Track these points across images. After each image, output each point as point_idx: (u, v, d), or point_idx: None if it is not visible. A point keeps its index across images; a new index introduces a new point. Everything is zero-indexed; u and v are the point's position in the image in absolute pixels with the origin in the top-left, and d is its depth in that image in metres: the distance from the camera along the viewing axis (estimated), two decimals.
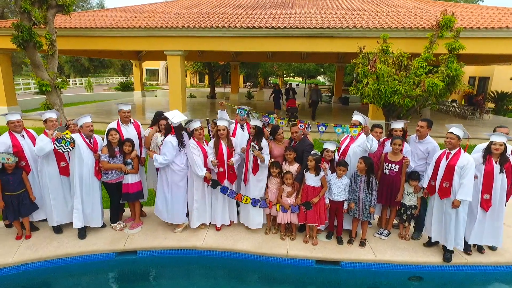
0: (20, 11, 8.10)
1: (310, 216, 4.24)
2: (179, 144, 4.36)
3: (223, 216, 4.66)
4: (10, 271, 3.93)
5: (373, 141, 4.16)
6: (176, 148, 4.28)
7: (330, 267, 4.21)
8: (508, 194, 4.06)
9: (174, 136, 4.33)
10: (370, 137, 4.13)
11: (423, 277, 4.10)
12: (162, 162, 4.25)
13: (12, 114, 4.39)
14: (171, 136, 4.33)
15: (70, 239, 4.43)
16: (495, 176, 3.86)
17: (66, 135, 4.05)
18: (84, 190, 4.34)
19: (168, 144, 4.26)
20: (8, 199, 4.20)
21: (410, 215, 4.46)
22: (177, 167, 4.41)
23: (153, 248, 4.38)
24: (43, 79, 8.76)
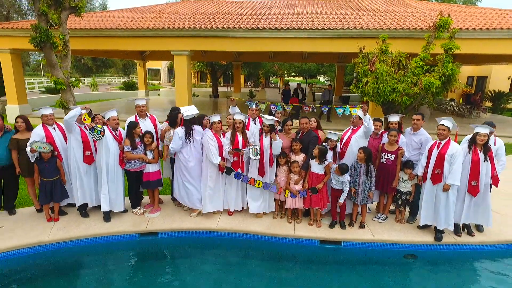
0: (38, 14, 8.54)
1: (315, 200, 4.69)
2: (185, 136, 4.81)
3: (236, 201, 5.11)
4: (46, 248, 4.38)
5: (370, 120, 4.60)
6: (182, 139, 4.73)
7: (333, 247, 4.66)
8: (494, 181, 4.51)
9: (182, 128, 4.79)
10: (367, 117, 4.57)
11: (417, 255, 4.55)
12: (170, 150, 4.78)
13: (46, 108, 4.84)
14: (180, 128, 4.79)
15: (96, 222, 4.88)
16: (481, 164, 4.31)
17: (97, 125, 4.51)
18: (109, 177, 4.80)
19: (175, 134, 4.73)
20: (44, 184, 4.65)
21: (405, 201, 4.90)
22: (182, 157, 4.87)
23: (172, 230, 4.83)
24: (58, 77, 9.20)
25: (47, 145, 4.55)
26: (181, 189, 5.01)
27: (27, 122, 4.88)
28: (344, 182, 4.57)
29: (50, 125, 4.83)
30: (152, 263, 4.54)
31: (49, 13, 8.58)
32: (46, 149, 4.52)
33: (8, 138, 4.78)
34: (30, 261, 4.26)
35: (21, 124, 4.82)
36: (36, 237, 4.42)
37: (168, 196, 5.80)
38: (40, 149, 4.47)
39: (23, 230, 4.59)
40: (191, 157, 4.87)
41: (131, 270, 4.38)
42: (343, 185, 4.60)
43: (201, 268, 4.38)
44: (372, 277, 4.23)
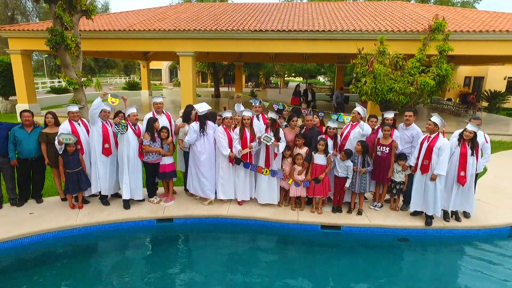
0: (54, 17, 9.00)
1: (317, 190, 5.17)
2: (200, 130, 5.29)
3: (244, 191, 5.59)
4: (74, 232, 4.86)
5: (364, 125, 5.12)
6: (196, 132, 5.21)
7: (333, 231, 5.14)
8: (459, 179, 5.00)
9: (197, 123, 5.27)
10: (362, 123, 5.08)
11: (409, 239, 5.02)
12: (185, 142, 5.25)
13: (72, 106, 5.33)
14: (195, 123, 5.27)
15: (117, 209, 5.35)
16: (468, 157, 4.79)
17: (122, 121, 4.99)
18: (130, 168, 5.27)
19: (191, 128, 5.22)
20: (69, 175, 5.12)
21: (399, 190, 5.38)
22: (196, 150, 5.36)
23: (187, 216, 5.31)
24: (71, 78, 9.66)
25: (72, 136, 5.04)
26: (194, 180, 5.49)
27: (55, 118, 5.36)
28: (349, 167, 5.05)
29: (76, 121, 5.31)
30: (169, 246, 5.00)
31: (64, 17, 9.03)
32: (71, 140, 5.00)
33: (38, 133, 5.25)
34: (59, 243, 4.73)
35: (50, 119, 5.30)
36: (64, 222, 4.89)
37: (181, 187, 6.28)
38: (66, 141, 4.95)
39: (51, 216, 5.06)
40: (203, 150, 5.34)
41: (149, 252, 4.85)
42: (348, 170, 5.09)
43: (213, 250, 4.86)
44: (369, 258, 4.69)
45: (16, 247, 4.50)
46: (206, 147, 5.34)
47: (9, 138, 5.14)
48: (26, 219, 4.94)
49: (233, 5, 18.08)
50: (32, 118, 5.28)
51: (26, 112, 5.23)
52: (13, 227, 4.67)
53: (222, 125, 5.41)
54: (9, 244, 4.48)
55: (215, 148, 5.45)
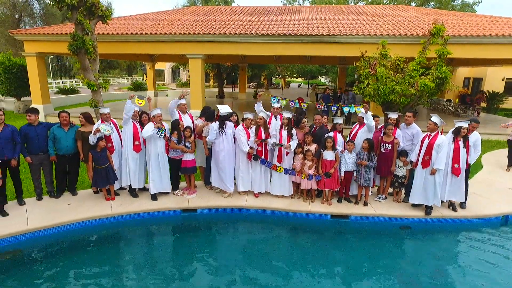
0: (76, 23, 9.55)
1: (328, 183, 5.72)
2: (219, 129, 5.83)
3: (260, 185, 6.14)
4: (110, 220, 5.41)
5: (369, 116, 5.67)
6: (216, 131, 5.75)
7: (341, 220, 5.69)
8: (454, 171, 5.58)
9: (217, 123, 5.82)
10: (368, 114, 5.63)
11: (411, 227, 5.57)
12: (207, 140, 5.82)
13: (104, 108, 5.87)
14: (215, 123, 5.82)
15: (146, 201, 5.90)
16: (460, 150, 5.35)
17: (161, 126, 5.66)
18: (160, 164, 5.82)
19: (211, 127, 5.77)
20: (98, 171, 5.66)
21: (401, 183, 5.93)
22: (216, 147, 5.91)
23: (209, 207, 5.86)
24: (90, 80, 10.21)
25: (110, 128, 5.59)
26: (215, 175, 6.06)
27: (88, 118, 5.90)
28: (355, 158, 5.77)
29: (107, 122, 5.85)
30: (193, 234, 5.56)
31: (85, 23, 9.58)
32: (108, 132, 5.56)
33: (74, 131, 5.80)
34: (97, 230, 5.28)
35: (82, 118, 5.85)
36: (101, 211, 5.45)
37: (201, 182, 6.82)
38: (104, 131, 5.51)
39: (88, 206, 5.61)
40: (222, 147, 5.88)
41: (177, 238, 5.40)
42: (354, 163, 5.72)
43: (234, 237, 5.43)
44: (374, 244, 5.23)
45: (60, 232, 5.05)
46: (225, 145, 5.88)
47: (48, 136, 5.68)
48: (66, 209, 5.49)
49: (238, 8, 18.63)
50: (69, 118, 5.83)
51: (63, 113, 5.78)
52: (57, 216, 5.22)
53: (242, 124, 5.96)
54: (54, 230, 5.02)
55: (233, 145, 6.00)
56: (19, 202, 5.62)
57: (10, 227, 4.84)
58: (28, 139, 5.50)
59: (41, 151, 5.63)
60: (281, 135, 5.97)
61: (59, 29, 14.45)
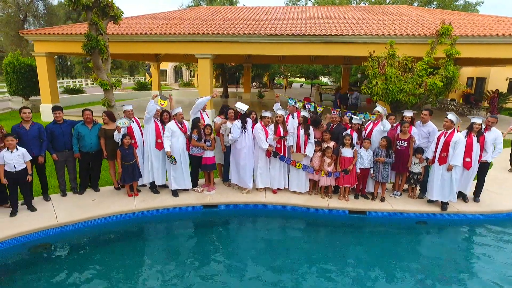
0: (90, 23, 9.69)
1: (346, 179, 5.87)
2: (242, 127, 5.97)
3: (279, 181, 6.28)
4: (134, 215, 5.55)
5: (386, 123, 5.83)
6: (240, 129, 5.89)
7: (359, 216, 5.84)
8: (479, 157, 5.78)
9: (239, 121, 5.96)
10: (384, 121, 5.79)
11: (427, 222, 5.72)
12: (231, 138, 5.92)
13: (127, 105, 6.02)
14: (237, 121, 5.95)
15: (167, 197, 6.04)
16: (473, 145, 5.50)
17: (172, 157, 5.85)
18: (181, 160, 5.96)
19: (234, 126, 5.90)
20: (125, 167, 5.81)
21: (417, 180, 6.07)
22: (238, 144, 6.04)
23: (229, 203, 6.00)
24: (103, 79, 10.36)
25: (127, 120, 5.78)
26: (235, 172, 6.21)
27: (110, 116, 6.04)
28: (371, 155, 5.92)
29: (130, 119, 5.99)
30: (215, 229, 5.68)
31: (99, 23, 9.72)
32: (127, 124, 5.75)
33: (97, 129, 5.94)
34: (123, 224, 5.43)
35: (105, 117, 5.99)
36: (126, 207, 5.59)
37: (218, 179, 6.97)
38: (122, 125, 5.69)
39: (112, 202, 5.76)
40: (244, 144, 6.02)
41: (198, 233, 5.54)
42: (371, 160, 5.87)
43: (254, 232, 5.57)
44: (391, 238, 5.38)
45: (88, 227, 5.20)
46: (246, 142, 6.02)
47: (73, 134, 5.82)
48: (91, 204, 5.64)
49: (244, 9, 18.77)
50: (92, 116, 5.97)
51: (87, 111, 5.93)
52: (83, 211, 5.36)
53: (260, 122, 6.10)
54: (82, 225, 5.17)
55: (253, 143, 6.14)
56: (44, 198, 5.77)
57: (40, 221, 4.98)
58: (54, 136, 5.64)
59: (66, 148, 5.78)
60: (298, 134, 6.11)
61: (68, 29, 14.59)
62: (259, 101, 25.68)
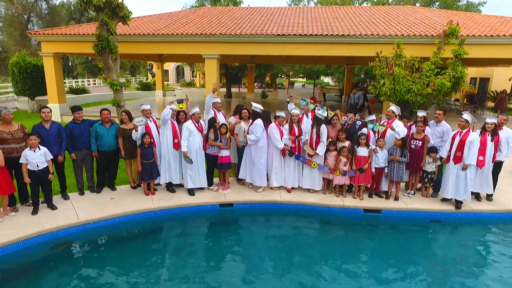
0: (101, 23, 9.76)
1: (361, 178, 5.94)
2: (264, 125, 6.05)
3: (294, 180, 6.35)
4: (152, 214, 5.62)
5: (400, 132, 5.88)
6: (262, 128, 5.95)
7: (374, 214, 5.90)
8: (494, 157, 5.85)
9: (260, 120, 6.02)
10: (399, 131, 5.86)
11: (441, 220, 5.78)
12: (254, 139, 5.94)
13: (146, 104, 6.09)
14: (259, 120, 6.01)
15: (184, 196, 6.11)
16: (487, 144, 5.58)
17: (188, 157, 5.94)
18: (198, 160, 6.02)
19: (257, 126, 5.95)
20: (144, 165, 5.88)
21: (431, 179, 6.14)
22: (257, 144, 6.09)
23: (245, 202, 6.07)
24: (113, 79, 10.42)
25: (144, 117, 5.86)
26: (250, 171, 6.27)
27: (129, 115, 6.11)
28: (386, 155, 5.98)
29: (148, 118, 6.06)
30: (232, 227, 5.76)
31: (110, 24, 9.79)
32: (143, 122, 5.82)
33: (115, 128, 6.01)
34: (142, 222, 5.50)
35: (124, 116, 6.06)
36: (144, 205, 5.66)
37: (232, 178, 7.02)
38: (139, 123, 5.76)
39: (130, 200, 5.82)
40: (262, 143, 6.07)
41: (216, 231, 5.61)
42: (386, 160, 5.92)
43: (271, 230, 5.65)
44: (406, 236, 5.45)
45: (108, 225, 5.26)
46: (264, 141, 6.09)
47: (91, 133, 5.89)
48: (110, 203, 5.70)
49: (249, 9, 18.84)
50: (110, 116, 6.03)
51: (105, 110, 5.99)
52: (103, 209, 5.43)
53: (275, 121, 6.17)
54: (102, 223, 5.24)
55: (267, 142, 6.20)
56: (63, 196, 5.83)
57: (62, 220, 5.05)
58: (73, 136, 5.71)
59: (84, 147, 5.84)
60: (311, 133, 6.18)
61: (75, 30, 14.66)
62: (263, 101, 25.75)
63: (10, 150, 5.00)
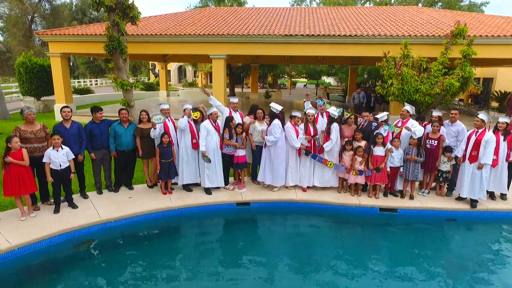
0: (112, 24, 9.81)
1: (377, 177, 5.99)
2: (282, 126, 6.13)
3: (309, 179, 6.41)
4: (170, 213, 5.67)
5: (417, 132, 5.92)
6: (281, 128, 6.01)
7: (390, 213, 5.96)
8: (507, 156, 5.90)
9: (278, 120, 6.07)
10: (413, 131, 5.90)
11: (456, 219, 5.84)
12: (273, 140, 5.99)
13: (164, 104, 6.15)
14: (277, 120, 6.06)
15: (201, 195, 6.17)
16: (500, 143, 5.65)
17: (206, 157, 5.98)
18: (213, 159, 6.07)
19: (275, 126, 6.00)
20: (163, 164, 5.93)
21: (445, 178, 6.19)
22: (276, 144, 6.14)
23: (261, 201, 6.13)
24: (123, 79, 10.48)
25: (162, 116, 5.92)
26: (268, 171, 6.31)
27: (148, 115, 6.16)
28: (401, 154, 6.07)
29: (166, 117, 6.12)
30: (249, 225, 5.82)
31: (121, 24, 9.85)
32: (161, 120, 5.88)
33: (133, 128, 6.06)
34: (160, 221, 5.55)
35: (144, 115, 6.12)
36: (162, 204, 5.71)
37: (247, 177, 7.08)
38: (157, 121, 5.83)
39: (148, 199, 5.88)
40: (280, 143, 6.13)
41: (234, 230, 5.68)
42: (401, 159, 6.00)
43: (288, 228, 5.71)
44: (423, 234, 5.50)
45: (129, 224, 5.32)
46: (283, 141, 6.15)
47: (110, 133, 5.94)
48: (128, 202, 5.76)
49: (255, 9, 18.90)
50: (128, 115, 6.08)
51: (123, 110, 6.05)
52: (123, 208, 5.49)
53: (290, 121, 6.22)
54: (123, 222, 5.29)
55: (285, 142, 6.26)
56: (82, 195, 5.89)
57: (84, 218, 5.11)
58: (92, 135, 5.76)
59: (103, 147, 5.89)
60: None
61: (83, 30, 14.71)
62: (266, 101, 25.81)
63: (33, 149, 5.05)
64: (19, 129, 5.04)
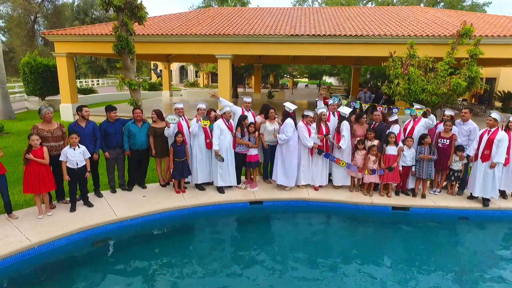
0: (121, 24, 9.85)
1: (390, 176, 6.02)
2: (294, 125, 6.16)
3: (322, 178, 6.44)
4: (185, 211, 5.70)
5: (433, 117, 6.00)
6: (293, 128, 6.04)
7: (402, 212, 5.99)
8: None
9: (291, 119, 6.10)
10: (431, 117, 5.92)
11: (469, 218, 5.87)
12: (284, 138, 6.02)
13: (178, 103, 6.19)
14: (290, 119, 6.09)
15: (214, 193, 6.20)
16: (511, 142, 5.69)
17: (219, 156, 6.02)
18: (226, 158, 6.11)
19: (288, 125, 6.03)
20: (176, 163, 5.96)
21: (457, 177, 6.23)
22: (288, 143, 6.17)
23: (274, 199, 6.16)
24: (131, 79, 10.51)
25: (176, 116, 5.98)
26: (280, 170, 6.33)
27: (159, 114, 6.19)
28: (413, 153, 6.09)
29: (180, 116, 6.16)
30: (262, 224, 5.86)
31: (129, 24, 9.88)
32: (176, 120, 5.93)
33: (147, 127, 6.10)
34: (175, 219, 5.59)
35: (154, 115, 6.15)
36: (176, 203, 5.75)
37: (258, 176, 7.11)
38: (172, 121, 5.87)
39: (161, 198, 5.91)
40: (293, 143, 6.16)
41: (248, 228, 5.72)
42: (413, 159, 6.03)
43: (301, 227, 5.74)
44: (436, 233, 5.54)
45: (144, 222, 5.35)
46: (295, 140, 6.18)
47: (124, 132, 5.98)
48: (143, 200, 5.80)
49: (259, 9, 18.94)
50: (142, 114, 6.12)
51: (137, 109, 6.08)
52: (138, 207, 5.52)
53: (303, 120, 6.25)
54: (139, 220, 5.32)
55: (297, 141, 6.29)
56: (96, 194, 5.92)
57: (100, 217, 5.14)
58: (107, 134, 5.79)
59: (118, 146, 5.93)
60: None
61: (89, 30, 14.75)
62: (270, 101, 25.84)
63: (50, 148, 5.08)
64: (36, 128, 5.08)
